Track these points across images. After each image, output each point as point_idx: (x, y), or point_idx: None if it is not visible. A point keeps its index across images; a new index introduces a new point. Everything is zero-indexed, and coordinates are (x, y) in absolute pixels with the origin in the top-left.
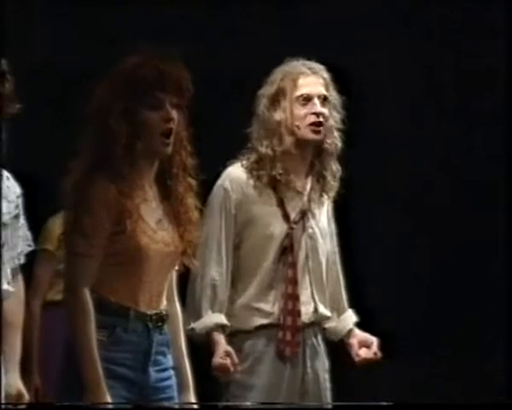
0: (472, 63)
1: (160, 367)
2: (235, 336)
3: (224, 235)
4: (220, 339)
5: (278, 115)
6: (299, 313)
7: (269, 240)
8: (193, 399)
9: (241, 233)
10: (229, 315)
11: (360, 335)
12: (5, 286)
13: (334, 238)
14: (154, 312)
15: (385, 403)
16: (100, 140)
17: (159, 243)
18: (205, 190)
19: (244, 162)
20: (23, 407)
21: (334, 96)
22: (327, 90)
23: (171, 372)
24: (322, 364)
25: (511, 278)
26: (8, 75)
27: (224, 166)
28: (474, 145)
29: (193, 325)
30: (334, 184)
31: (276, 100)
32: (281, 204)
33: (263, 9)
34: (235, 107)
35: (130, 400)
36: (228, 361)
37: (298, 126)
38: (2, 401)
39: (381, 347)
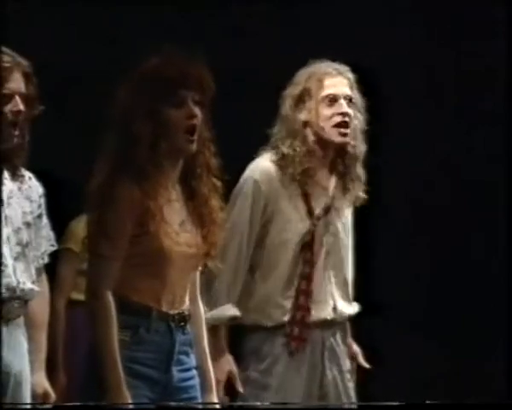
0: (472, 63)
1: (182, 367)
2: (254, 332)
3: (248, 226)
4: (222, 342)
5: (303, 116)
6: (309, 310)
7: (290, 235)
8: (215, 399)
9: (268, 225)
10: (248, 308)
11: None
12: (30, 286)
13: (351, 233)
14: (177, 312)
15: (396, 403)
16: (123, 141)
17: (181, 245)
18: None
19: (271, 156)
20: (24, 407)
21: (357, 97)
22: (351, 90)
23: (194, 372)
24: (343, 365)
25: (511, 278)
26: (33, 77)
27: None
28: (474, 145)
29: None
30: (357, 186)
31: (301, 100)
32: (306, 200)
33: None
34: (236, 106)
35: (153, 399)
36: (223, 384)
37: (323, 128)
38: (30, 401)
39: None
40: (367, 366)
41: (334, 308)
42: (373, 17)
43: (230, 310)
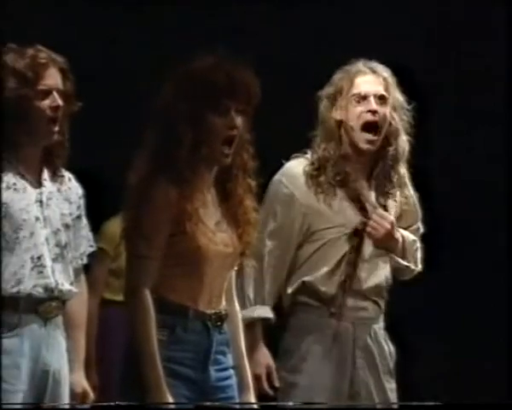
0: (472, 63)
1: (220, 367)
2: (287, 330)
3: (276, 230)
4: (258, 339)
5: (335, 115)
6: (344, 308)
7: (332, 236)
8: (253, 399)
9: (311, 227)
10: (282, 308)
11: None
12: (68, 286)
13: None
14: (214, 311)
15: (396, 404)
16: (164, 142)
17: (218, 244)
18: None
19: (304, 160)
20: (24, 406)
21: (396, 97)
22: (386, 90)
23: (232, 372)
24: (381, 365)
25: (511, 277)
26: (69, 74)
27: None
28: (474, 145)
29: None
30: (402, 186)
31: (334, 99)
32: (345, 200)
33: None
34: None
35: (190, 399)
36: (264, 378)
37: (352, 127)
38: (69, 400)
39: None
40: None
41: (368, 305)
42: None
43: (258, 311)
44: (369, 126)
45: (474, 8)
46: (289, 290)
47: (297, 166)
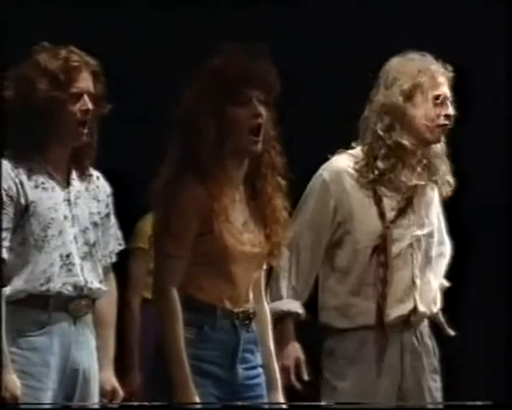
0: (472, 63)
1: (248, 365)
2: (329, 333)
3: (311, 224)
4: (289, 332)
5: (412, 111)
6: (383, 313)
7: (363, 237)
8: (281, 398)
9: (344, 225)
10: (323, 309)
11: None
12: (97, 285)
13: (444, 231)
14: (241, 310)
15: (396, 405)
16: (188, 140)
17: (245, 244)
18: (295, 190)
19: (351, 153)
20: (25, 406)
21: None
22: (451, 90)
23: (260, 370)
24: (428, 364)
25: (511, 277)
26: (101, 76)
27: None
28: (475, 145)
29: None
30: (444, 180)
31: (410, 94)
32: (378, 202)
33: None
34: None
35: (218, 397)
36: (292, 369)
37: (428, 126)
38: (99, 398)
39: None
40: (451, 333)
41: (415, 310)
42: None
43: (288, 304)
44: (442, 127)
45: (474, 8)
46: (331, 293)
47: (340, 162)
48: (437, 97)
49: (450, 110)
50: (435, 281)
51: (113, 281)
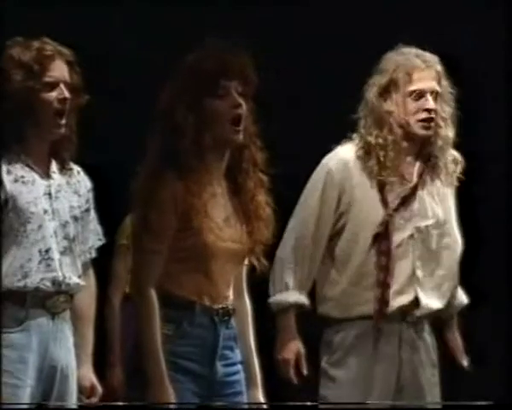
0: (472, 63)
1: (227, 362)
2: (327, 324)
3: (316, 213)
4: (291, 324)
5: (388, 106)
6: (387, 303)
7: (364, 225)
8: (261, 396)
9: (345, 215)
10: (322, 300)
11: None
12: (76, 280)
13: (455, 225)
14: (221, 306)
15: (397, 404)
16: (167, 136)
17: (226, 240)
18: (278, 185)
19: (352, 147)
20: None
21: (445, 86)
22: (439, 84)
23: (240, 367)
24: (426, 359)
25: (511, 277)
26: (76, 66)
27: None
28: (474, 145)
29: (270, 299)
30: (449, 170)
31: (387, 91)
32: (381, 189)
33: None
34: None
35: (197, 394)
36: (292, 363)
37: (407, 121)
38: (77, 395)
39: None
40: (464, 363)
41: (416, 301)
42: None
43: (293, 296)
44: (425, 122)
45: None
46: (332, 283)
47: (345, 152)
48: (412, 93)
49: (430, 104)
50: (441, 274)
51: (93, 276)
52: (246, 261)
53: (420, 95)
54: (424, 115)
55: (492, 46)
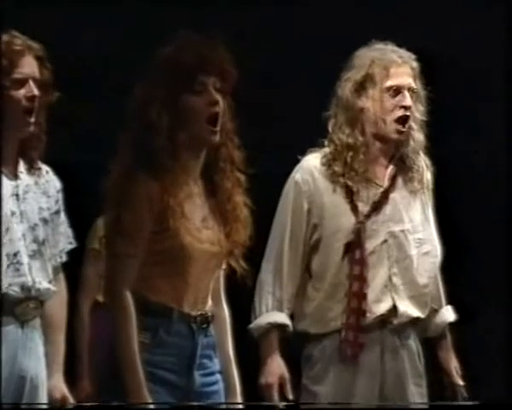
0: (472, 63)
1: (205, 371)
2: (308, 340)
3: (289, 230)
4: (273, 347)
5: (363, 103)
6: (363, 313)
7: (336, 234)
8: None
9: (319, 228)
10: (300, 317)
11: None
12: (46, 285)
13: (433, 229)
14: (199, 313)
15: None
16: (140, 133)
17: (204, 242)
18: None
19: (321, 151)
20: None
21: (420, 87)
22: (414, 81)
23: (218, 377)
24: (411, 368)
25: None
26: (47, 62)
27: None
28: (474, 145)
29: (250, 325)
30: (420, 175)
31: (362, 87)
32: (350, 196)
33: None
34: None
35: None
36: (276, 388)
37: (384, 120)
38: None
39: None
40: (460, 383)
41: (394, 309)
42: None
43: (272, 316)
44: (401, 120)
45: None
46: (308, 297)
47: (310, 160)
48: (389, 89)
49: (408, 101)
50: (421, 281)
51: (64, 282)
52: (223, 265)
53: (397, 91)
54: (401, 113)
55: (492, 46)
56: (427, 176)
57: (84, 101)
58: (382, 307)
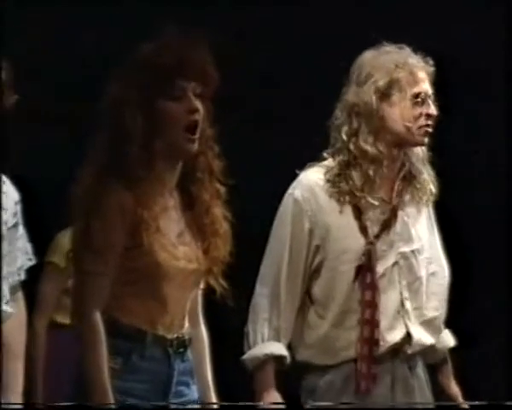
0: (472, 63)
1: (182, 400)
2: (310, 371)
3: (287, 252)
4: (270, 380)
5: (387, 111)
6: (376, 342)
7: (341, 257)
8: None
9: (321, 250)
10: (301, 347)
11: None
12: (3, 307)
13: (439, 247)
14: (175, 336)
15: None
16: (113, 139)
17: (180, 259)
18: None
19: (322, 165)
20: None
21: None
22: (431, 87)
23: (196, 406)
24: (421, 399)
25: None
26: (5, 63)
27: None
28: (474, 145)
29: (243, 356)
30: (425, 188)
31: (386, 93)
32: (358, 215)
33: None
34: None
35: None
36: None
37: (408, 128)
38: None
39: None
40: (464, 407)
41: (408, 337)
42: None
43: (269, 347)
44: (424, 130)
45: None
46: (311, 325)
47: (311, 176)
48: (417, 95)
49: (433, 109)
50: (431, 305)
51: (23, 302)
52: (202, 284)
53: (423, 98)
54: (424, 122)
55: (492, 46)
56: (432, 188)
57: (84, 101)
58: (396, 336)
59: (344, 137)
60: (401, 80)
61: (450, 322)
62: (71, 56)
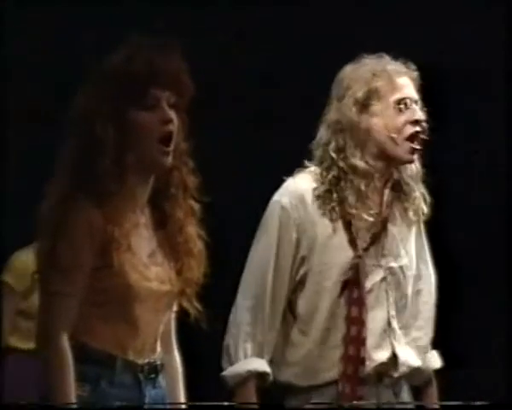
0: (472, 63)
1: None
2: (293, 392)
3: (273, 261)
4: (252, 398)
5: (369, 122)
6: (362, 361)
7: (327, 271)
8: None
9: (307, 262)
10: (282, 365)
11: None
12: None
13: (429, 265)
14: (147, 361)
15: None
16: (81, 152)
17: (152, 280)
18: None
19: (311, 172)
20: None
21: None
22: (417, 93)
23: None
24: None
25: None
26: None
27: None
28: (474, 145)
29: (224, 372)
30: (416, 206)
31: (366, 103)
32: (347, 226)
33: None
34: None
35: None
36: None
37: (394, 139)
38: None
39: None
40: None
41: (394, 358)
42: None
43: (252, 364)
44: (412, 140)
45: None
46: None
47: (301, 184)
48: (399, 102)
49: (419, 115)
50: (418, 325)
51: None
52: (175, 307)
53: (406, 105)
54: (412, 130)
55: (492, 46)
56: (423, 207)
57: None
58: (382, 355)
59: (332, 154)
60: (380, 89)
61: (451, 322)
62: (71, 56)
